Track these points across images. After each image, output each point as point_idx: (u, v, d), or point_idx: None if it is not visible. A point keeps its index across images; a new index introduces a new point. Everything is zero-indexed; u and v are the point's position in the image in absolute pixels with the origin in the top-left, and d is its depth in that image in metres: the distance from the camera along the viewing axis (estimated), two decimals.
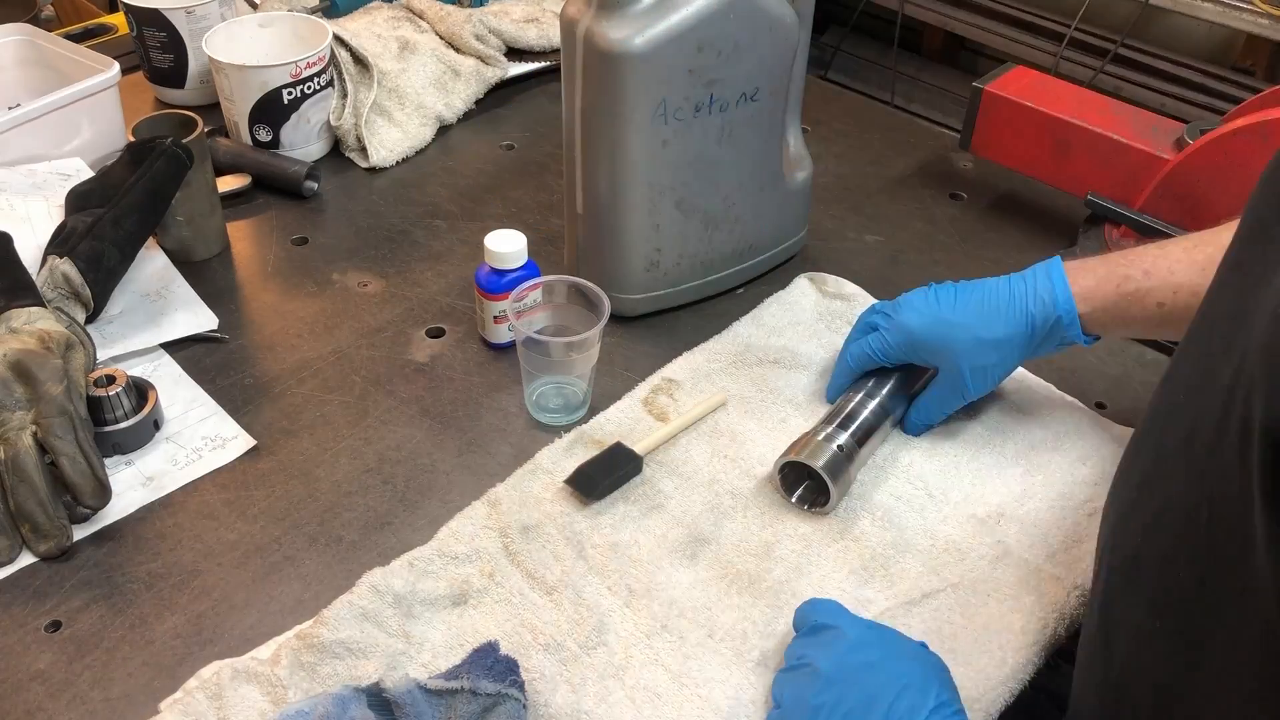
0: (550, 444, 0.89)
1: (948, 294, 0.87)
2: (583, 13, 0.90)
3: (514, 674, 0.69)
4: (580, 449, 0.89)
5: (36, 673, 0.73)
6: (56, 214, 1.05)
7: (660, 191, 0.96)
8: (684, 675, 0.73)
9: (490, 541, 0.81)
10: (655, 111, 0.91)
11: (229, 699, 0.69)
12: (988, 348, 0.85)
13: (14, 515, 0.80)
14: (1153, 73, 2.13)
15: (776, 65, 0.97)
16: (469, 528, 0.82)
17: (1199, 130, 1.05)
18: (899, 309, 0.88)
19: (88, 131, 1.19)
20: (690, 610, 0.77)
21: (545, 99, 1.41)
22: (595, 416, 0.92)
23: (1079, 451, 0.89)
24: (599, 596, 0.77)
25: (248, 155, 1.22)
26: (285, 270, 1.11)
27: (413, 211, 1.20)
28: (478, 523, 0.82)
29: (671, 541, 0.82)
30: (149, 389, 0.91)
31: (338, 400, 0.95)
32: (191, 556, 0.81)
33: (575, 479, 0.85)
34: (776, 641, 0.75)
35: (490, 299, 0.97)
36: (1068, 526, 0.83)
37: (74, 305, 0.95)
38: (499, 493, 0.85)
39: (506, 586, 0.78)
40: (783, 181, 1.05)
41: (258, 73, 1.18)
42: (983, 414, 0.93)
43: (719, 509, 0.85)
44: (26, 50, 1.26)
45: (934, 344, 0.86)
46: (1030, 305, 0.83)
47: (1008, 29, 2.28)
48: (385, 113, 1.29)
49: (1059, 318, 0.83)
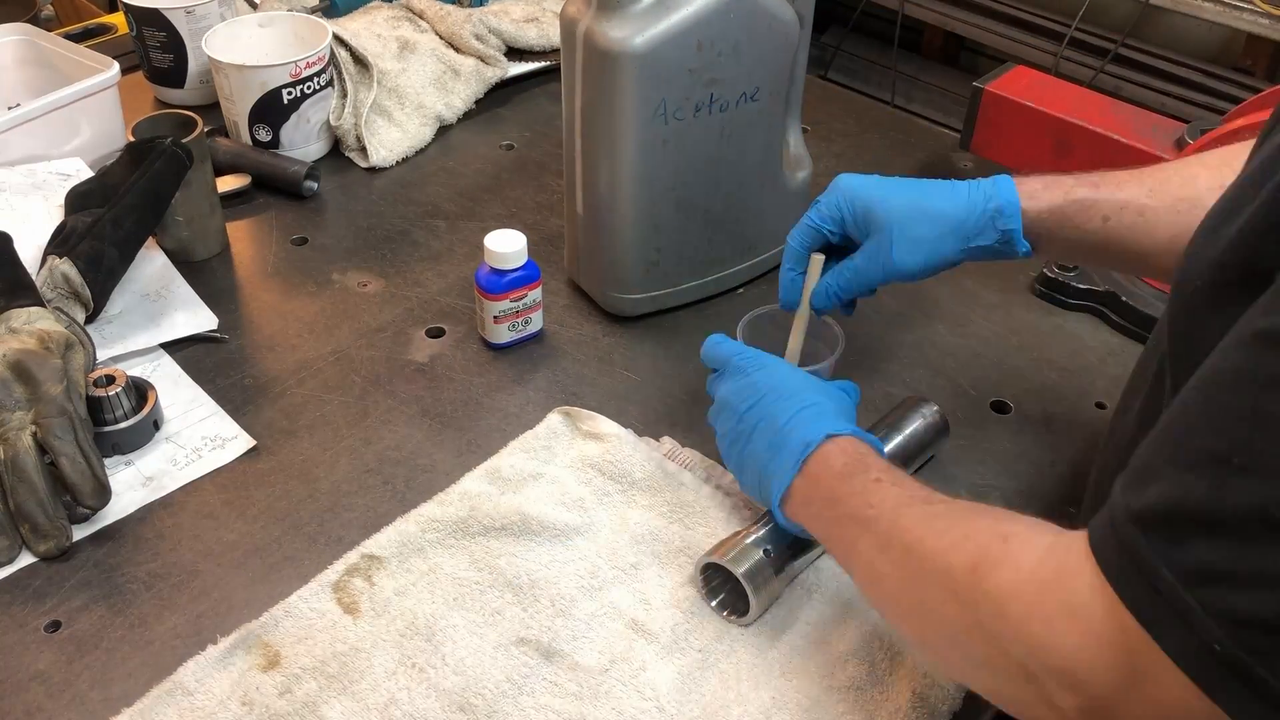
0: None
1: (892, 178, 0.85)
2: (583, 12, 0.90)
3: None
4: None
5: (36, 673, 0.73)
6: (56, 214, 1.05)
7: (660, 191, 0.96)
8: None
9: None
10: (655, 111, 0.91)
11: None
12: (922, 218, 0.81)
13: (14, 515, 0.80)
14: (1153, 73, 2.14)
15: (776, 65, 0.97)
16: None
17: (1199, 130, 1.05)
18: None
19: (87, 131, 1.19)
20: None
21: (545, 99, 1.41)
22: (270, 610, 0.76)
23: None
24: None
25: (247, 155, 1.22)
26: (285, 270, 1.11)
27: (412, 211, 1.20)
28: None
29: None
30: (149, 389, 0.91)
31: (338, 400, 0.95)
32: (191, 556, 0.81)
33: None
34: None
35: (490, 299, 0.97)
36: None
37: (74, 305, 0.95)
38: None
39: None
40: (783, 181, 1.05)
41: (257, 73, 1.18)
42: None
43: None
44: (26, 50, 1.26)
45: (869, 203, 0.82)
46: (972, 191, 0.82)
47: (1008, 29, 2.29)
48: (385, 113, 1.29)
49: (1000, 207, 0.80)
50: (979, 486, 0.89)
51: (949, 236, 0.82)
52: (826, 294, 0.86)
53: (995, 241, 0.82)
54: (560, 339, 1.03)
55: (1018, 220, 0.80)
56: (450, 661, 0.73)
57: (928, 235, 0.82)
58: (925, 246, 0.82)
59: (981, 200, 0.81)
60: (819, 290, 0.86)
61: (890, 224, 0.82)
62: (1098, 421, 0.95)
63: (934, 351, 1.02)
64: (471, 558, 0.80)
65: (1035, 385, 0.99)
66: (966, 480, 0.89)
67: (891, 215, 0.82)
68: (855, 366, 0.99)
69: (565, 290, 1.09)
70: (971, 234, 0.82)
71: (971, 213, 0.81)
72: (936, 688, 0.72)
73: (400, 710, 0.70)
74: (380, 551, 0.80)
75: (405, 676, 0.72)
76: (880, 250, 0.82)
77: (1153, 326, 1.01)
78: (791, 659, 0.74)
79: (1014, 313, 1.07)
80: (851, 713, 0.71)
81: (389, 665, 0.73)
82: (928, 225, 0.82)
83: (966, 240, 0.82)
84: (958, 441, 0.93)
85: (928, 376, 1.00)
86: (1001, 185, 0.81)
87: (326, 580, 0.78)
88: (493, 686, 0.72)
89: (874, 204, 0.83)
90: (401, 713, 0.70)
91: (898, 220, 0.82)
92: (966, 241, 0.82)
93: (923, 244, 0.82)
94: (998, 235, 0.81)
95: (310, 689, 0.71)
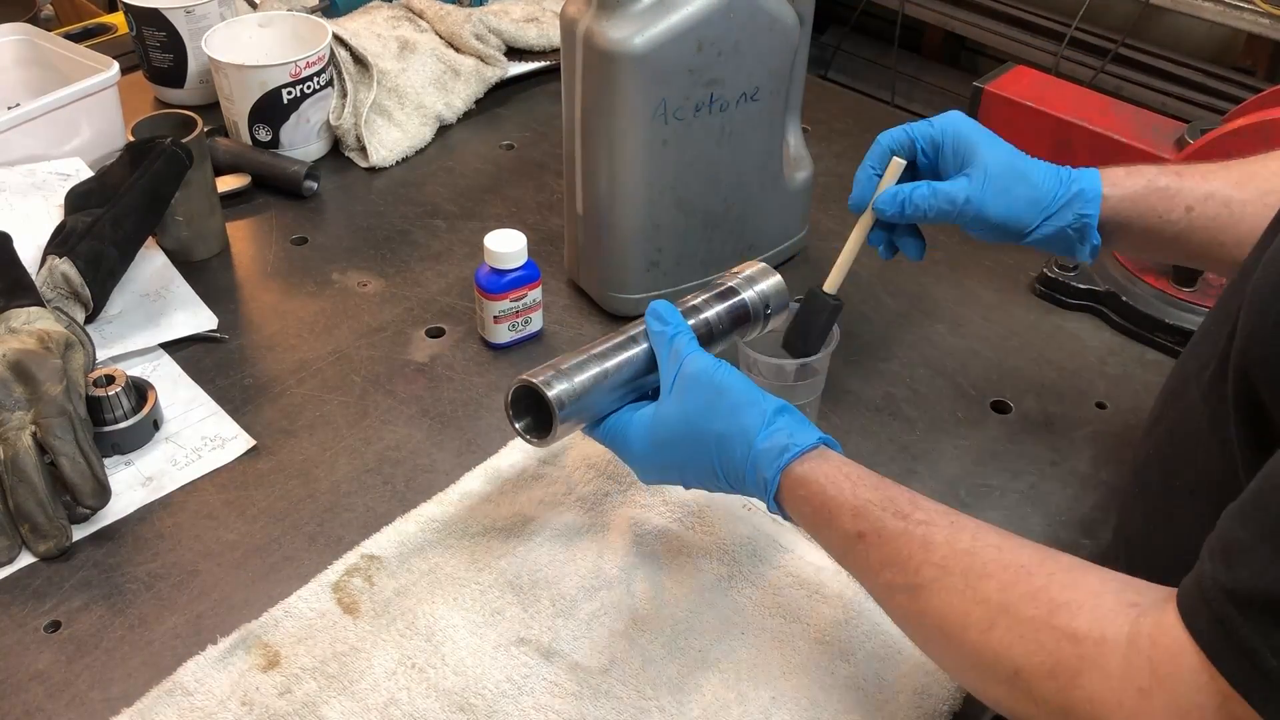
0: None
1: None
2: (583, 12, 0.90)
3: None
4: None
5: (36, 673, 0.73)
6: (56, 214, 1.05)
7: (660, 191, 0.96)
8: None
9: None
10: (655, 111, 0.91)
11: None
12: (1017, 177, 0.80)
13: (13, 515, 0.80)
14: (1153, 72, 2.13)
15: (776, 65, 0.97)
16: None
17: (1199, 130, 1.05)
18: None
19: (87, 131, 1.19)
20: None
21: (545, 99, 1.41)
22: (270, 610, 0.76)
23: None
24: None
25: (247, 155, 1.22)
26: (285, 270, 1.11)
27: (412, 211, 1.20)
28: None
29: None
30: (148, 389, 0.91)
31: (337, 400, 0.95)
32: (191, 556, 0.81)
33: (787, 344, 0.84)
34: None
35: (490, 299, 0.97)
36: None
37: (73, 305, 0.95)
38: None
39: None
40: (783, 181, 1.05)
41: (257, 72, 1.18)
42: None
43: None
44: (26, 50, 1.26)
45: (974, 143, 0.81)
46: (1060, 171, 0.81)
47: (1008, 29, 2.28)
48: (385, 112, 1.29)
49: (1082, 190, 0.79)
50: (979, 486, 0.89)
51: (1032, 205, 0.81)
52: (895, 198, 0.82)
53: (1070, 224, 0.80)
54: (560, 339, 1.03)
55: (1097, 206, 0.79)
56: (450, 661, 0.73)
57: (1017, 194, 0.80)
58: (1011, 202, 0.80)
59: (1067, 180, 0.81)
60: (889, 193, 0.83)
61: (989, 167, 0.80)
62: (1097, 421, 0.95)
63: (934, 351, 1.02)
64: (471, 558, 0.80)
65: (1035, 385, 0.99)
66: (967, 480, 0.89)
67: (991, 162, 0.80)
68: (855, 366, 0.99)
69: (565, 290, 1.09)
70: (1051, 209, 0.80)
71: (1057, 189, 0.80)
72: (936, 687, 0.72)
73: (400, 710, 0.70)
74: (380, 551, 0.80)
75: (405, 676, 0.72)
76: (970, 185, 0.80)
77: (1153, 326, 1.02)
78: (791, 659, 0.74)
79: (1014, 313, 1.07)
80: (851, 713, 0.71)
81: (389, 665, 0.73)
82: (1020, 185, 0.80)
83: (1044, 213, 0.80)
84: (958, 441, 0.93)
85: (928, 376, 0.99)
86: (1087, 172, 0.81)
87: (326, 580, 0.78)
88: (493, 686, 0.72)
89: (979, 145, 0.81)
90: (401, 713, 0.70)
91: (996, 169, 0.80)
92: (1044, 214, 0.80)
93: (1010, 199, 0.80)
94: (1073, 218, 0.80)
95: (310, 689, 0.71)
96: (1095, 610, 0.54)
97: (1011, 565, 0.58)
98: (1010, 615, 0.56)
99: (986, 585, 0.58)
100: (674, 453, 0.72)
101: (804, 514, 0.68)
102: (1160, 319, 1.02)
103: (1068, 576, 0.57)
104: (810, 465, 0.67)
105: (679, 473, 0.73)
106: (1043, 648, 0.55)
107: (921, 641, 0.64)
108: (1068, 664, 0.54)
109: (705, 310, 0.80)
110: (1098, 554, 0.83)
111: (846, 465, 0.67)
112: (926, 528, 0.62)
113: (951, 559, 0.60)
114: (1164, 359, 1.02)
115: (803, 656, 0.74)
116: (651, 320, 0.76)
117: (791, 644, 0.75)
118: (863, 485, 0.65)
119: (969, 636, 0.58)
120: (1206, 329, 0.67)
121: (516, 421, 0.76)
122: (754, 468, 0.68)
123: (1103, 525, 0.85)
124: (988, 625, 0.57)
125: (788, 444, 0.67)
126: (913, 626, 0.64)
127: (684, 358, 0.72)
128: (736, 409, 0.69)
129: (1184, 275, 1.03)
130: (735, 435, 0.69)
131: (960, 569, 0.60)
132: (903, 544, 0.62)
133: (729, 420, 0.69)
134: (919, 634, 0.64)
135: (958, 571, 0.60)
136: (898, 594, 0.63)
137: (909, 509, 0.63)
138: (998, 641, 0.57)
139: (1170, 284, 1.03)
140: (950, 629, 0.59)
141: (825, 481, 0.66)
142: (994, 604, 0.57)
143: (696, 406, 0.70)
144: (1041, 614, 0.55)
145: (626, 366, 0.75)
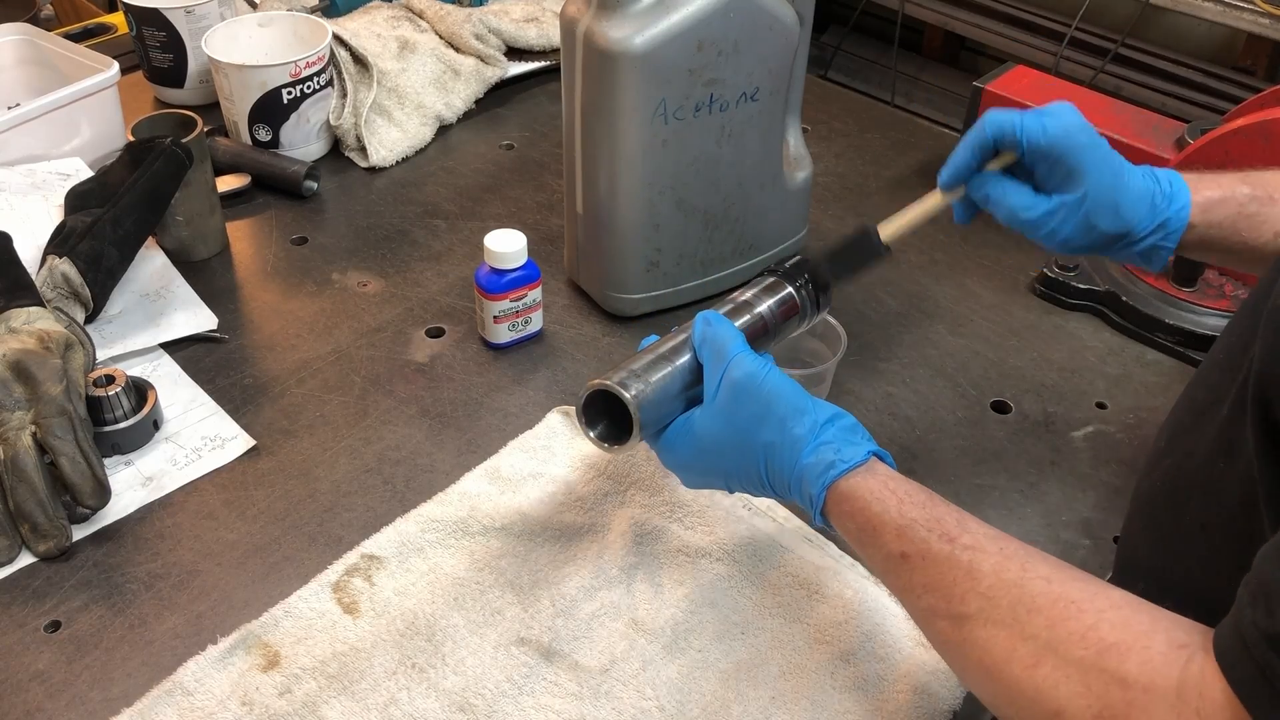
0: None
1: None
2: (583, 12, 0.90)
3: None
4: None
5: (36, 673, 0.73)
6: (56, 214, 1.05)
7: (660, 191, 0.96)
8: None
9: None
10: (655, 111, 0.91)
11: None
12: (1107, 210, 0.76)
13: (13, 515, 0.80)
14: (1153, 72, 2.14)
15: (776, 65, 0.96)
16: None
17: (1200, 130, 1.05)
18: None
19: (87, 131, 1.19)
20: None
21: (545, 99, 1.41)
22: (270, 610, 0.76)
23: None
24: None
25: (247, 155, 1.22)
26: (285, 270, 1.11)
27: (412, 211, 1.20)
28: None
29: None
30: (148, 389, 0.91)
31: (337, 400, 0.95)
32: (191, 556, 0.81)
33: (815, 255, 0.77)
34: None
35: (490, 299, 0.97)
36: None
37: (73, 305, 0.95)
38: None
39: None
40: (783, 181, 1.05)
41: (257, 72, 1.18)
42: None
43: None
44: (26, 50, 1.26)
45: (1080, 164, 0.75)
46: (1153, 196, 0.77)
47: (1008, 29, 2.29)
48: (385, 112, 1.29)
49: (1166, 220, 0.76)
50: (979, 486, 0.89)
51: (1115, 239, 0.78)
52: (984, 195, 0.79)
53: (1144, 250, 0.78)
54: (560, 339, 1.03)
55: (1177, 239, 0.76)
56: (450, 661, 0.73)
57: (1103, 229, 0.77)
58: (1094, 238, 0.77)
59: (1158, 210, 0.76)
60: (988, 192, 0.78)
61: (1087, 200, 0.76)
62: (1097, 421, 0.95)
63: (934, 351, 1.02)
64: (471, 558, 0.80)
65: (1035, 385, 0.99)
66: (967, 480, 0.89)
67: (1092, 192, 0.76)
68: (855, 366, 0.99)
69: (565, 290, 1.09)
70: (1132, 239, 0.77)
71: (1146, 220, 0.77)
72: (936, 687, 0.72)
73: (400, 710, 0.70)
74: (380, 551, 0.80)
75: (405, 676, 0.72)
76: (1058, 217, 0.77)
77: (1153, 326, 1.02)
78: (791, 659, 0.74)
79: (1014, 313, 1.07)
80: (851, 713, 0.71)
81: (389, 665, 0.73)
82: (1109, 218, 0.76)
83: (1124, 242, 0.78)
84: (957, 441, 0.93)
85: (928, 376, 1.00)
86: (1176, 194, 0.77)
87: (326, 580, 0.78)
88: (493, 686, 0.72)
89: (1085, 171, 0.76)
90: (401, 713, 0.70)
91: (1093, 204, 0.76)
92: (1124, 244, 0.78)
93: (1094, 235, 0.77)
94: (1150, 247, 0.77)
95: (310, 689, 0.71)
96: (1145, 654, 0.52)
97: (1061, 600, 0.56)
98: (1058, 654, 0.55)
99: (1035, 621, 0.56)
100: (720, 460, 0.70)
101: (848, 530, 0.66)
102: (1160, 319, 1.02)
103: (1118, 615, 0.55)
104: (856, 480, 0.65)
105: (724, 480, 0.72)
106: (1090, 690, 0.53)
107: (959, 670, 0.63)
108: (1115, 709, 0.52)
109: (757, 305, 0.77)
110: (1097, 554, 0.83)
111: (894, 480, 0.65)
112: (973, 554, 0.60)
113: (999, 590, 0.58)
114: (1164, 359, 1.02)
115: (803, 656, 0.74)
116: (698, 323, 0.73)
117: (791, 644, 0.75)
118: (909, 503, 0.63)
119: (1012, 671, 0.57)
120: (1216, 359, 0.65)
121: (590, 429, 0.72)
122: (799, 481, 0.67)
123: (1102, 525, 0.86)
124: (1033, 662, 0.56)
125: (834, 460, 0.66)
126: (952, 654, 0.62)
127: (730, 358, 0.70)
128: (786, 419, 0.67)
129: (1184, 275, 1.03)
130: (784, 446, 0.67)
131: (1008, 601, 0.58)
132: (947, 569, 0.60)
133: (779, 431, 0.67)
134: (958, 662, 0.62)
135: (1005, 604, 0.58)
136: (939, 620, 0.61)
137: (956, 532, 0.62)
138: (1043, 679, 0.55)
139: (1170, 284, 1.03)
140: (993, 663, 0.58)
141: (870, 498, 0.64)
142: (1041, 641, 0.56)
143: (745, 415, 0.68)
144: (1090, 655, 0.54)
145: (688, 373, 0.72)
